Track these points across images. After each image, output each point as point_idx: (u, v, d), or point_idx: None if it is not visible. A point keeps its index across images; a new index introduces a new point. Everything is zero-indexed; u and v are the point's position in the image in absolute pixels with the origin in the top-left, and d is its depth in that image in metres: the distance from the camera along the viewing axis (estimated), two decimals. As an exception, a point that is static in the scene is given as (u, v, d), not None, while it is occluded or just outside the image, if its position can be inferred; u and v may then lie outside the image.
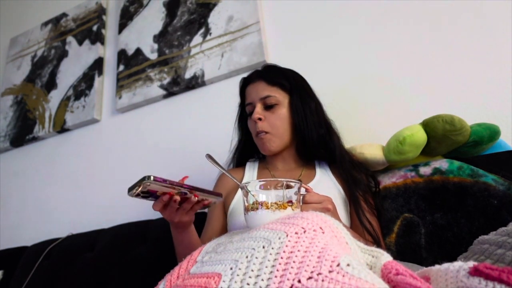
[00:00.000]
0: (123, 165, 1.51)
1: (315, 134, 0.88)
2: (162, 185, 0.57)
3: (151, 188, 0.57)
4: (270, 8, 1.43)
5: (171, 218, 0.67)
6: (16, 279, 1.23)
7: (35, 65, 1.94)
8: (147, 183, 0.55)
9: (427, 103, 1.08)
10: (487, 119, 0.89)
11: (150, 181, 0.55)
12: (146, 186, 0.56)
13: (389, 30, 1.20)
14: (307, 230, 0.43)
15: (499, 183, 0.78)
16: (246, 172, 0.96)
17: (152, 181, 0.55)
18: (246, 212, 0.59)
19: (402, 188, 0.87)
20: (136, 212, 1.35)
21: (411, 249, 0.79)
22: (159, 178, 0.56)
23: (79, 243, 1.22)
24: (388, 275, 0.39)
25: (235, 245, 0.47)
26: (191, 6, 1.56)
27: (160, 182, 0.56)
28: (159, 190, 0.59)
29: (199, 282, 0.44)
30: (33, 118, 1.80)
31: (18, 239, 1.57)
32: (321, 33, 1.31)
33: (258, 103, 0.90)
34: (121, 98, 1.58)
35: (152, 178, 0.55)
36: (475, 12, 1.10)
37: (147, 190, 0.58)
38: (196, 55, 1.47)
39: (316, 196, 0.66)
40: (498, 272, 0.33)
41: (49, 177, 1.67)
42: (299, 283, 0.35)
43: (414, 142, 0.85)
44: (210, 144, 1.33)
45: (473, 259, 0.52)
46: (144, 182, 0.55)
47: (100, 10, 1.84)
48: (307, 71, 1.02)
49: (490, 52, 1.05)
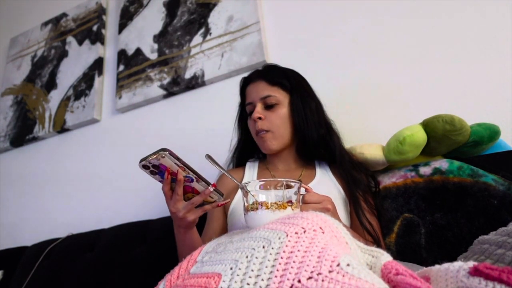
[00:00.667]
0: (123, 165, 1.51)
1: (315, 134, 0.88)
2: (175, 162, 0.60)
3: (164, 162, 0.59)
4: (270, 8, 1.43)
5: (175, 209, 0.66)
6: (16, 279, 1.23)
7: (35, 65, 1.94)
8: (163, 154, 0.58)
9: (427, 103, 1.08)
10: (487, 119, 0.89)
11: (166, 153, 0.58)
12: (159, 158, 0.58)
13: (389, 30, 1.20)
14: (307, 230, 0.43)
15: (499, 183, 0.78)
16: (246, 172, 0.96)
17: (167, 154, 0.58)
18: (246, 212, 0.59)
19: (402, 188, 0.87)
20: (136, 212, 1.35)
21: (411, 249, 0.79)
22: (175, 154, 0.59)
23: (79, 243, 1.22)
24: (388, 275, 0.39)
25: (235, 245, 0.47)
26: (191, 6, 1.56)
27: (175, 158, 0.59)
28: (169, 167, 0.61)
29: (199, 282, 0.44)
30: (33, 118, 1.80)
31: (18, 239, 1.57)
32: (321, 33, 1.31)
33: (259, 103, 0.90)
34: (121, 98, 1.58)
35: (168, 152, 0.58)
36: (475, 12, 1.10)
37: (158, 165, 0.60)
38: (196, 55, 1.47)
39: (315, 196, 0.66)
40: (498, 272, 0.33)
41: (49, 177, 1.67)
42: (299, 283, 0.35)
43: (414, 142, 0.85)
44: (210, 144, 1.33)
45: (473, 259, 0.52)
46: (161, 153, 0.57)
47: (100, 10, 1.84)
48: (307, 71, 1.02)
49: (490, 52, 1.05)
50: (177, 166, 0.60)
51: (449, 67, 1.09)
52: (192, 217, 0.67)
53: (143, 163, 0.60)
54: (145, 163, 0.60)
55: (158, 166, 0.61)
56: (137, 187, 1.42)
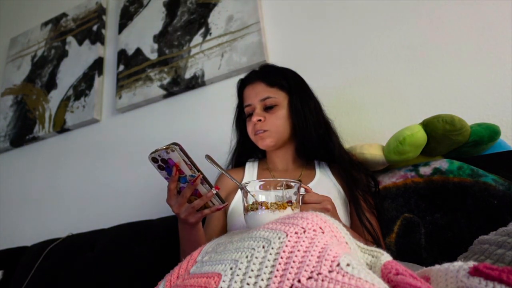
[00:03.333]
0: (123, 165, 1.51)
1: (315, 134, 0.88)
2: (184, 158, 0.61)
3: (173, 157, 0.61)
4: (270, 8, 1.43)
5: (178, 210, 0.66)
6: (16, 279, 1.23)
7: (35, 65, 1.94)
8: (173, 147, 0.59)
9: (427, 103, 1.08)
10: (487, 119, 0.89)
11: (176, 148, 0.60)
12: (169, 151, 0.60)
13: (389, 30, 1.20)
14: (307, 230, 0.43)
15: (499, 183, 0.78)
16: (246, 172, 0.96)
17: (178, 148, 0.60)
18: (246, 213, 0.59)
19: (402, 188, 0.87)
20: (136, 212, 1.35)
21: (411, 249, 0.79)
22: (185, 151, 0.61)
23: (79, 243, 1.22)
24: (388, 275, 0.39)
25: (235, 245, 0.47)
26: (191, 6, 1.56)
27: (184, 154, 0.61)
28: (178, 163, 0.62)
29: (199, 282, 0.44)
30: (33, 118, 1.80)
31: (18, 239, 1.57)
32: (321, 33, 1.31)
33: (258, 105, 0.89)
34: (121, 98, 1.58)
35: (178, 147, 0.60)
36: (475, 12, 1.10)
37: (167, 159, 0.61)
38: (196, 55, 1.47)
39: (315, 196, 0.66)
40: (498, 272, 0.33)
41: (49, 177, 1.67)
42: (299, 283, 0.35)
43: (414, 142, 0.85)
44: (210, 144, 1.33)
45: (473, 259, 0.52)
46: (172, 146, 0.59)
47: (100, 10, 1.84)
48: (307, 71, 1.02)
49: (490, 52, 1.05)
50: (184, 163, 0.62)
51: (449, 67, 1.09)
52: (193, 220, 0.68)
53: (153, 155, 0.61)
54: (155, 155, 0.61)
55: (167, 160, 0.62)
56: (137, 187, 1.42)
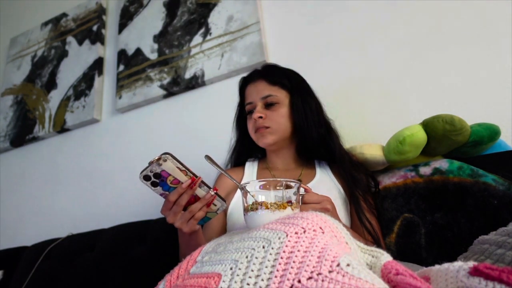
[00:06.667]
0: (123, 165, 1.51)
1: (315, 134, 0.88)
2: (177, 165, 0.59)
3: (166, 167, 0.58)
4: (270, 8, 1.43)
5: (173, 220, 0.64)
6: (16, 279, 1.23)
7: (35, 65, 1.94)
8: (165, 157, 0.57)
9: (427, 103, 1.08)
10: (487, 119, 0.89)
11: (168, 156, 0.57)
12: (161, 163, 0.57)
13: (389, 30, 1.20)
14: (307, 230, 0.43)
15: (499, 183, 0.78)
16: (246, 171, 0.96)
17: (169, 157, 0.58)
18: (246, 213, 0.59)
19: (402, 188, 0.87)
20: (136, 212, 1.35)
21: (411, 249, 0.79)
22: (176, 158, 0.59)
23: (79, 243, 1.22)
24: (388, 275, 0.39)
25: (235, 245, 0.47)
26: (191, 6, 1.56)
27: (177, 161, 0.59)
28: (172, 173, 0.59)
29: (199, 282, 0.44)
30: (33, 118, 1.80)
31: (18, 239, 1.57)
32: (321, 33, 1.31)
33: (259, 102, 0.90)
34: (121, 98, 1.58)
35: (169, 155, 0.58)
36: (475, 12, 1.10)
37: (160, 172, 0.58)
38: (196, 55, 1.47)
39: (315, 196, 0.66)
40: (498, 272, 0.33)
41: (49, 177, 1.67)
42: (299, 283, 0.35)
43: (414, 142, 0.85)
44: (209, 144, 1.33)
45: (473, 259, 0.52)
46: (163, 156, 0.57)
47: (100, 10, 1.83)
48: (307, 71, 1.02)
49: (490, 52, 1.05)
50: (179, 169, 0.59)
51: (449, 67, 1.09)
52: (187, 229, 0.64)
53: (144, 173, 0.58)
54: (146, 173, 0.58)
55: (160, 174, 0.59)
56: (137, 187, 1.42)
